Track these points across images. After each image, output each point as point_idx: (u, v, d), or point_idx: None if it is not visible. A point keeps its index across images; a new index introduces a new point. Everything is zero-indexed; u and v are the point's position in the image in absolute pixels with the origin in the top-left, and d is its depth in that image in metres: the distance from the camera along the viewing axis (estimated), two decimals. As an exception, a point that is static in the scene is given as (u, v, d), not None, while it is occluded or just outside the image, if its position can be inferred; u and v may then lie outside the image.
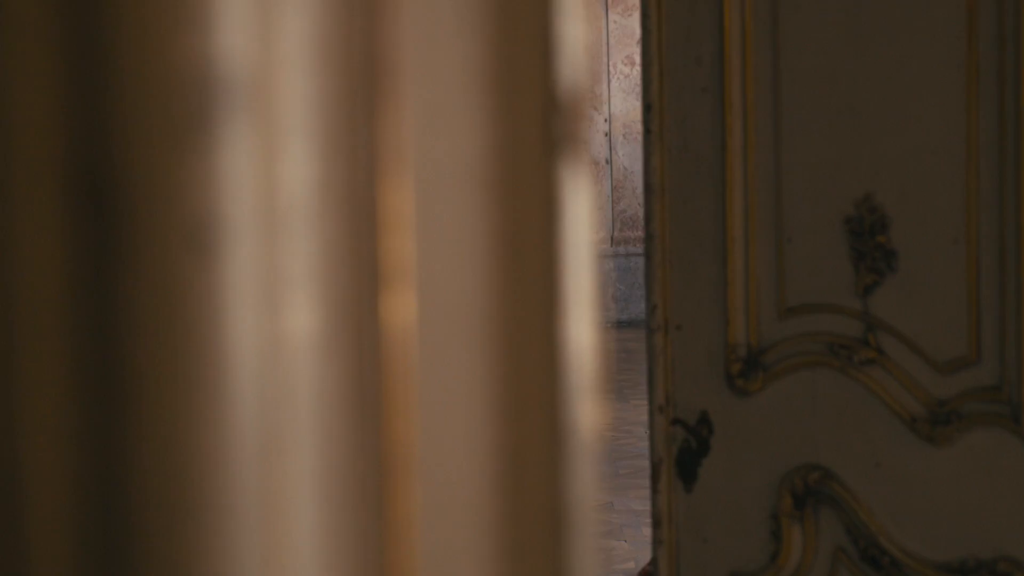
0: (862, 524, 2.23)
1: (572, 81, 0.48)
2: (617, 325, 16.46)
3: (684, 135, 2.39)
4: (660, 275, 2.44)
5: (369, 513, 0.43)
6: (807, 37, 2.25)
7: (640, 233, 14.83)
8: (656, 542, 2.49)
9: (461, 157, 0.46)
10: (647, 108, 2.45)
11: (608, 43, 17.18)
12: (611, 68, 16.79)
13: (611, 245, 17.54)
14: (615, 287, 16.96)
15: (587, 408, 0.49)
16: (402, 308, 0.44)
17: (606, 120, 17.68)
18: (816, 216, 2.25)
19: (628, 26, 15.38)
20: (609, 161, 17.61)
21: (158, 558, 0.36)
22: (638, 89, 12.71)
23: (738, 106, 2.32)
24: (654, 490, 2.49)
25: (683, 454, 2.43)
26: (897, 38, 2.15)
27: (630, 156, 15.77)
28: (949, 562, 2.14)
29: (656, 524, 2.49)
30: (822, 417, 2.26)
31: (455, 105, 0.46)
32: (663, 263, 2.43)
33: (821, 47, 2.23)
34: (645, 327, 2.55)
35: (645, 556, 5.03)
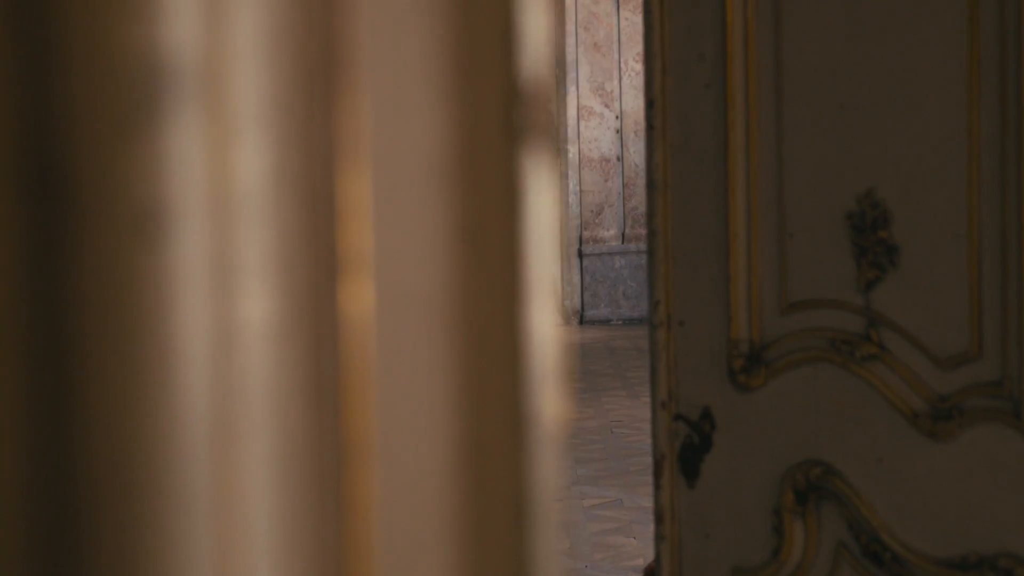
0: (864, 520, 2.23)
1: (534, 71, 0.48)
2: (628, 322, 16.43)
3: (686, 131, 2.39)
4: (663, 271, 2.44)
5: (327, 500, 0.43)
6: (809, 33, 2.25)
7: (651, 230, 14.77)
8: (658, 538, 2.50)
9: (422, 147, 0.47)
10: (650, 104, 2.45)
11: (620, 40, 17.15)
12: (622, 65, 16.77)
13: (622, 242, 17.52)
14: (626, 284, 16.94)
15: (550, 398, 0.49)
16: (360, 297, 0.44)
17: (617, 117, 17.65)
18: (818, 212, 2.25)
19: (639, 23, 15.34)
20: (620, 158, 17.57)
21: (107, 543, 0.36)
22: (649, 86, 12.69)
23: (740, 102, 2.32)
24: (656, 486, 2.49)
25: (686, 450, 2.43)
26: (899, 33, 2.15)
27: (641, 153, 15.74)
28: (950, 558, 2.14)
29: (659, 520, 2.49)
30: (824, 413, 2.26)
31: (415, 95, 0.46)
32: (666, 259, 2.43)
33: (823, 43, 2.23)
34: (648, 323, 2.55)
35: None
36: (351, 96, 0.43)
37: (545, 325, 0.49)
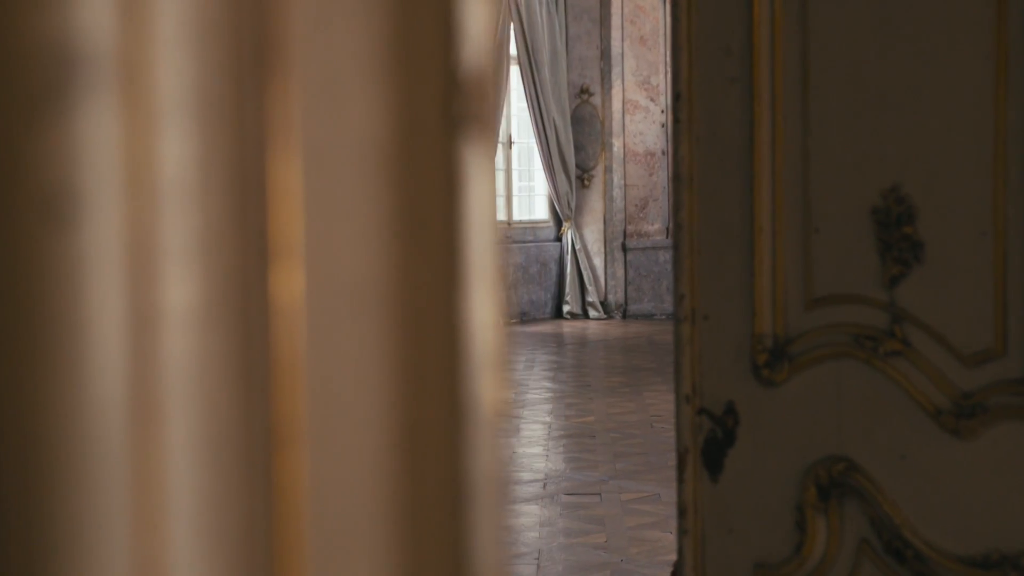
0: (886, 516, 2.22)
1: (474, 62, 0.48)
2: (672, 317, 16.34)
3: (713, 125, 2.39)
4: (688, 265, 2.44)
5: (257, 484, 0.44)
6: (836, 27, 2.24)
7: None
8: (681, 532, 2.50)
9: (357, 135, 0.47)
10: (676, 97, 2.45)
11: (666, 34, 17.08)
12: (668, 59, 16.69)
13: (667, 237, 17.46)
14: (670, 279, 16.86)
15: (488, 384, 0.50)
16: (291, 283, 0.45)
17: (663, 111, 17.58)
18: (843, 206, 2.24)
19: (685, 17, 15.23)
20: (666, 152, 17.52)
21: (17, 529, 0.37)
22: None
23: (766, 96, 2.32)
24: (680, 480, 2.49)
25: (709, 444, 2.43)
26: (926, 28, 2.13)
27: (686, 147, 15.61)
28: (973, 556, 2.13)
29: (681, 514, 2.49)
30: (847, 409, 2.26)
31: (351, 83, 0.47)
32: (691, 253, 2.43)
33: (850, 37, 2.22)
34: (673, 317, 2.55)
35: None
36: (282, 84, 0.44)
37: (484, 312, 0.50)
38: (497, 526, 0.50)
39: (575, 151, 18.15)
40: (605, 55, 18.03)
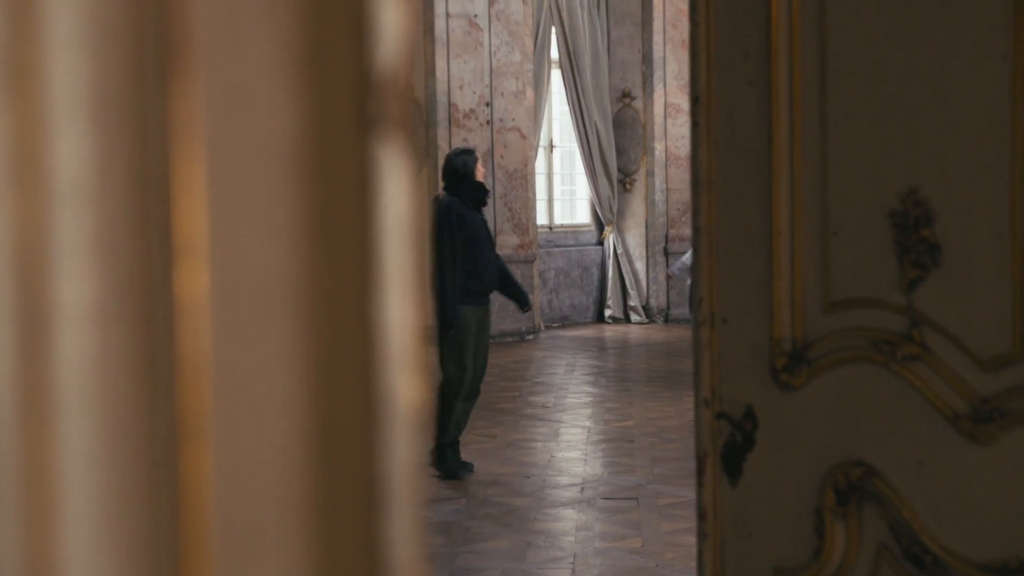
0: (904, 522, 2.20)
1: (388, 64, 0.49)
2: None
3: (731, 128, 2.39)
4: (707, 268, 2.44)
5: (162, 479, 0.45)
6: (853, 30, 2.23)
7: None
8: (701, 535, 2.49)
9: (267, 135, 0.48)
10: (695, 100, 2.45)
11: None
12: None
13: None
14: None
15: (404, 382, 0.50)
16: (195, 280, 0.45)
17: (705, 115, 17.40)
18: (861, 210, 2.23)
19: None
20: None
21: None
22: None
23: (784, 99, 2.31)
24: (699, 484, 2.49)
25: (728, 448, 2.42)
26: (944, 30, 2.12)
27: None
28: (991, 562, 2.11)
29: (701, 517, 2.49)
30: (866, 413, 2.24)
31: (260, 84, 0.48)
32: (710, 256, 2.43)
33: (867, 39, 2.21)
34: (692, 320, 2.54)
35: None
36: (186, 85, 0.45)
37: (399, 312, 0.50)
38: (412, 523, 0.50)
39: (617, 155, 18.13)
40: (647, 59, 18.00)
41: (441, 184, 8.99)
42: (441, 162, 16.49)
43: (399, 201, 0.50)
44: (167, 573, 0.45)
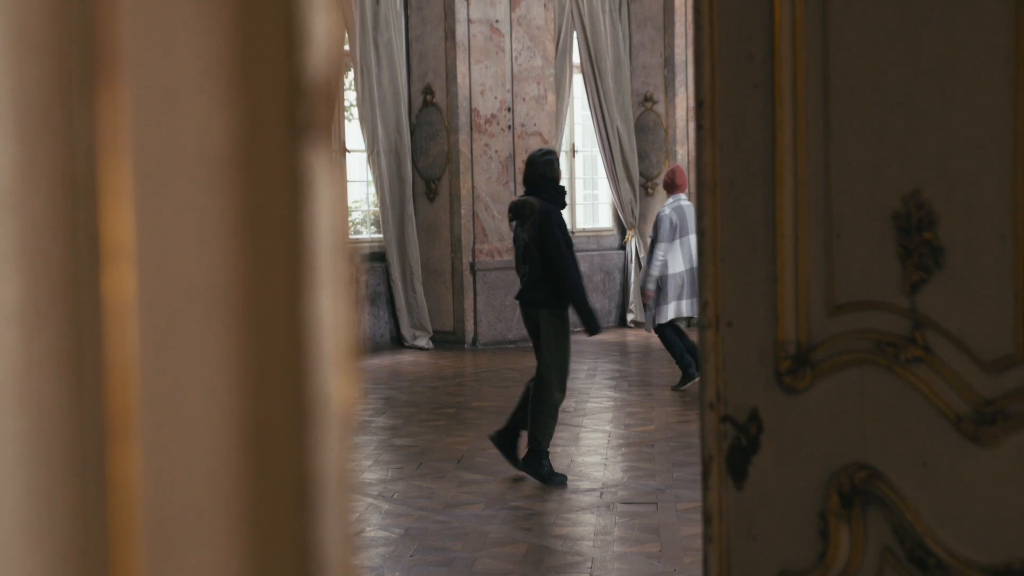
0: (908, 524, 2.20)
1: (318, 70, 0.50)
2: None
3: (735, 131, 2.39)
4: (711, 271, 2.44)
5: (90, 478, 0.46)
6: (856, 32, 2.23)
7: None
8: (706, 539, 2.49)
9: (196, 140, 0.49)
10: (699, 104, 2.45)
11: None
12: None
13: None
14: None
15: (336, 383, 0.51)
16: (122, 283, 0.46)
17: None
18: (864, 212, 2.23)
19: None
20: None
21: None
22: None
23: (788, 102, 2.31)
24: (704, 487, 2.49)
25: (733, 451, 2.43)
26: (946, 32, 2.12)
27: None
28: (995, 564, 2.11)
29: (707, 521, 2.49)
30: (869, 416, 2.24)
31: (190, 90, 0.49)
32: (714, 259, 2.43)
33: (870, 42, 2.21)
34: (697, 323, 2.54)
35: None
36: (114, 90, 0.45)
37: (331, 313, 0.51)
38: (344, 522, 0.51)
39: (639, 159, 18.11)
40: (669, 63, 17.98)
41: (523, 187, 9.05)
42: (464, 168, 16.42)
43: (329, 204, 0.51)
44: (96, 571, 0.46)
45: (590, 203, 18.96)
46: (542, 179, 8.69)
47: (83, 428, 0.46)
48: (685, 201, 12.56)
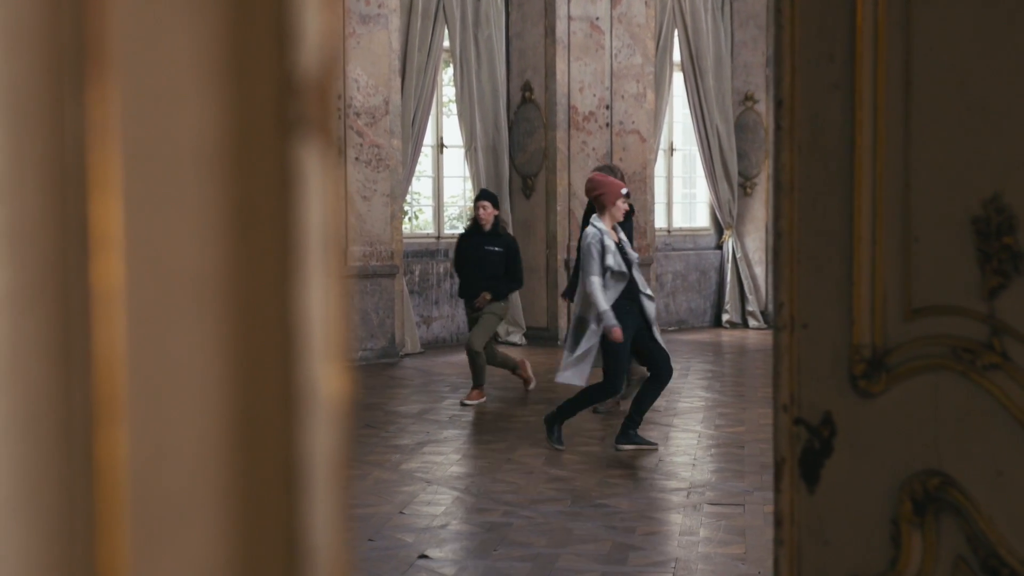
0: (982, 533, 2.16)
1: (311, 66, 0.51)
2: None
3: (814, 132, 2.37)
4: (787, 273, 2.42)
5: (76, 459, 0.47)
6: (938, 34, 2.20)
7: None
8: (777, 542, 2.48)
9: (188, 133, 0.50)
10: (778, 104, 2.43)
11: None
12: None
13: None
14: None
15: (326, 374, 0.52)
16: (112, 272, 0.48)
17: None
18: (944, 216, 2.20)
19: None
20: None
21: None
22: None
23: (868, 103, 2.29)
24: (776, 490, 2.47)
25: (806, 454, 2.41)
26: (1030, 33, 2.08)
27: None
28: (1069, 577, 2.07)
29: (778, 524, 2.47)
30: (944, 422, 2.21)
31: (181, 84, 0.50)
32: (790, 261, 2.41)
33: (952, 44, 2.18)
34: (772, 325, 2.53)
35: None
36: (104, 83, 0.47)
37: (321, 305, 0.52)
38: (332, 508, 0.52)
39: (738, 158, 17.98)
40: (771, 61, 17.80)
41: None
42: (560, 165, 16.49)
43: (321, 198, 0.52)
44: (82, 554, 0.47)
45: (688, 202, 18.86)
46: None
47: (71, 412, 0.48)
48: None
